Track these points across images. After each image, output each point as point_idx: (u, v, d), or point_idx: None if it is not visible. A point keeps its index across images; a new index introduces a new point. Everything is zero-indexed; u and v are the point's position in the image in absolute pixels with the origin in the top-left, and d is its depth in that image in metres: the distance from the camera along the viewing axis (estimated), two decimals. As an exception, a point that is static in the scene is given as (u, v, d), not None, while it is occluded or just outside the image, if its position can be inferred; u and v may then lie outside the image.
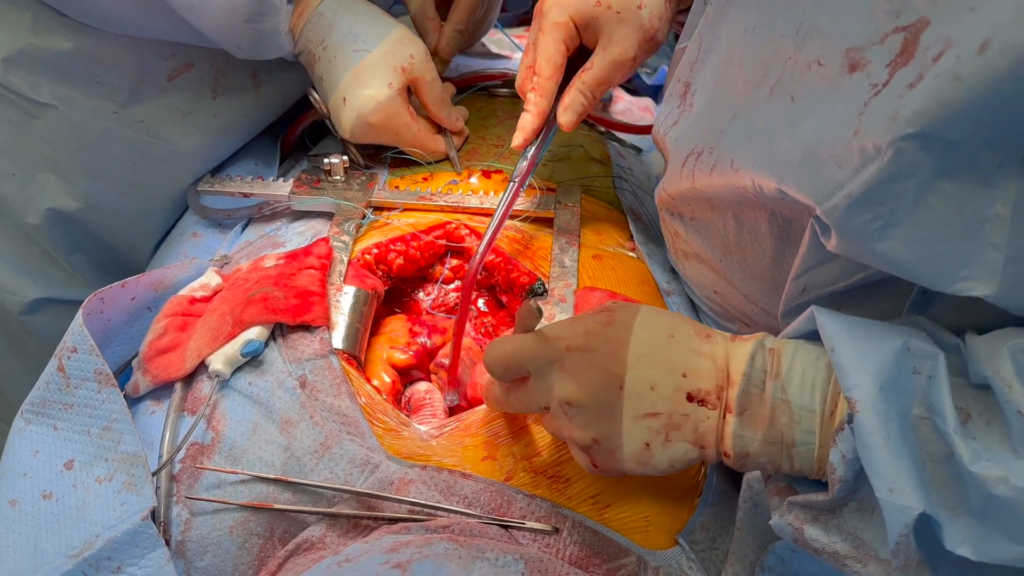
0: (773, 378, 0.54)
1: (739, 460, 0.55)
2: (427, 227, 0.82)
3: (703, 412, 0.55)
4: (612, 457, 0.57)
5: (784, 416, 0.53)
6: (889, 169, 0.46)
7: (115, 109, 0.87)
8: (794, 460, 0.54)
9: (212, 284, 0.77)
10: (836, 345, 0.51)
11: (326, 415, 0.65)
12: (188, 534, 0.62)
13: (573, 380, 0.57)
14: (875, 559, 0.50)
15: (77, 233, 0.92)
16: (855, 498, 0.51)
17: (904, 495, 0.47)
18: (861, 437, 0.48)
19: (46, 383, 0.66)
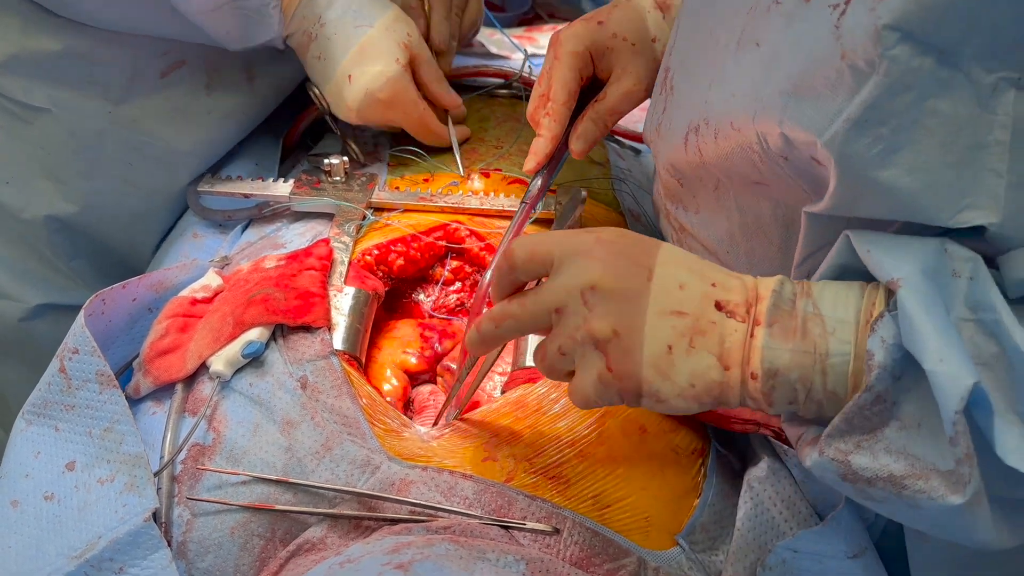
0: (804, 296, 0.52)
1: (767, 380, 0.51)
2: (427, 228, 0.82)
3: (731, 324, 0.52)
4: (630, 358, 0.52)
5: (816, 327, 0.50)
6: (885, 82, 0.46)
7: (109, 109, 0.87)
8: (827, 374, 0.50)
9: (213, 285, 0.77)
10: (872, 246, 0.49)
11: (327, 416, 0.65)
12: (189, 535, 0.62)
13: (600, 264, 0.54)
14: (935, 471, 0.47)
15: (77, 237, 0.92)
16: (896, 415, 0.48)
17: (955, 364, 0.44)
18: (905, 313, 0.46)
19: (47, 384, 0.66)
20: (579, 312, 0.54)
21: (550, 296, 0.55)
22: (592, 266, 0.54)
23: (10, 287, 0.92)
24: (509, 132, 0.99)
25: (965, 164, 0.46)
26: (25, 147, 0.87)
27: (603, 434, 0.65)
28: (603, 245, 0.55)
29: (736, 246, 0.69)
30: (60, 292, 0.93)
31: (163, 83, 0.88)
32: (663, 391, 0.53)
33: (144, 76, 0.87)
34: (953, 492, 0.46)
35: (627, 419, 0.67)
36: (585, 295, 0.53)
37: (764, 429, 0.68)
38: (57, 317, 0.93)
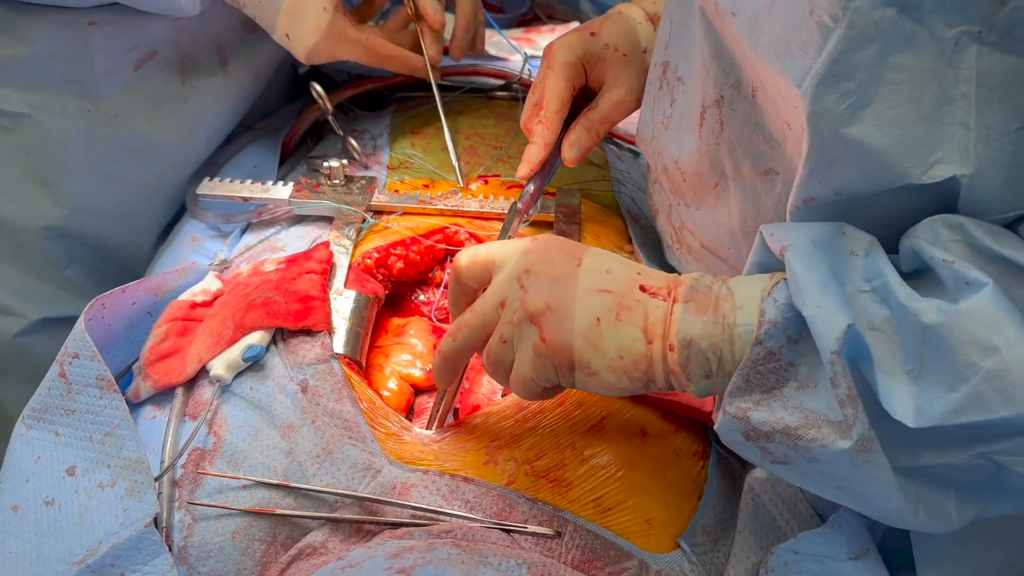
0: (719, 282, 0.56)
1: (683, 351, 0.55)
2: (427, 231, 0.82)
3: (654, 302, 0.56)
4: (562, 328, 0.57)
5: (727, 303, 0.54)
6: (849, 35, 0.48)
7: (88, 107, 0.87)
8: (735, 343, 0.53)
9: (212, 289, 0.77)
10: (774, 229, 0.54)
11: (328, 420, 0.65)
12: (190, 540, 0.62)
13: (534, 255, 0.59)
14: (827, 421, 0.50)
15: (69, 244, 0.92)
16: (795, 377, 0.52)
17: (830, 309, 0.48)
18: (791, 271, 0.50)
19: (47, 389, 0.66)
20: (517, 296, 0.58)
21: (493, 292, 0.60)
22: (527, 257, 0.60)
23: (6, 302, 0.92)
24: (508, 132, 0.99)
25: (933, 118, 0.48)
26: (9, 154, 0.87)
27: (604, 437, 0.65)
28: (537, 242, 0.61)
29: (736, 244, 0.69)
30: (55, 304, 0.93)
31: (138, 76, 0.89)
32: (594, 362, 0.56)
33: (117, 71, 0.87)
34: (841, 437, 0.49)
35: (628, 421, 0.67)
36: (521, 279, 0.58)
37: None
38: (52, 331, 0.93)
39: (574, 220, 0.84)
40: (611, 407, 0.67)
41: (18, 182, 0.88)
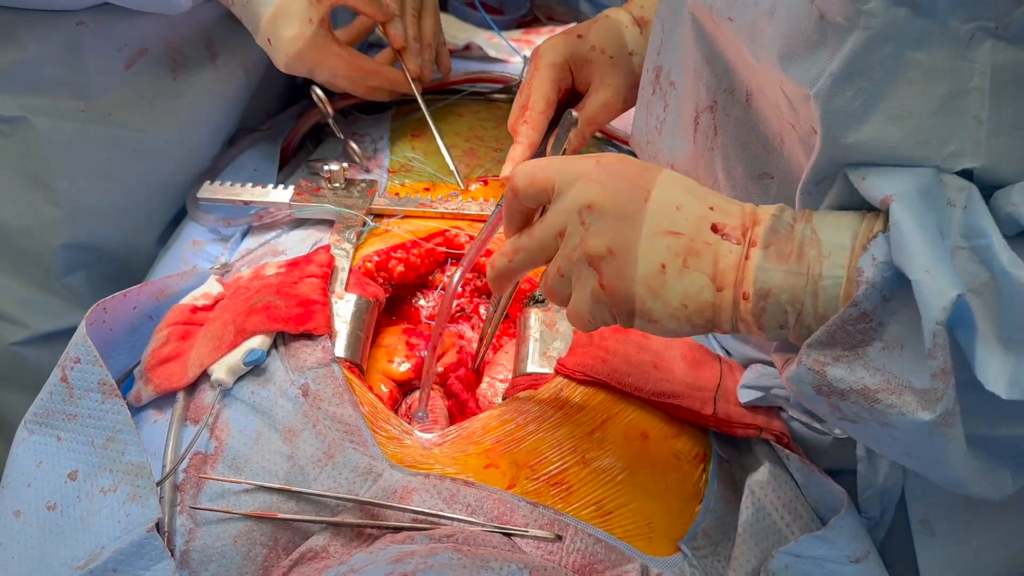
0: (803, 221, 0.52)
1: (759, 301, 0.51)
2: (427, 234, 0.82)
3: (726, 246, 0.52)
4: (623, 275, 0.53)
5: (812, 250, 0.51)
6: (864, 35, 0.48)
7: (81, 107, 0.88)
8: (819, 296, 0.50)
9: (213, 292, 0.77)
10: (867, 172, 0.50)
11: (329, 424, 0.65)
12: (192, 544, 0.62)
13: (598, 185, 0.54)
14: (910, 388, 0.47)
15: (67, 248, 0.93)
16: (881, 336, 0.48)
17: (941, 276, 0.44)
18: (896, 225, 0.46)
19: (49, 393, 0.66)
20: (577, 232, 0.55)
21: (552, 220, 0.56)
22: (590, 187, 0.54)
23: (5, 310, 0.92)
24: (508, 135, 0.99)
25: (946, 112, 0.48)
26: (7, 159, 0.88)
27: (605, 440, 0.65)
28: (602, 168, 0.55)
29: None
30: (54, 316, 0.93)
31: (129, 74, 0.89)
32: (655, 310, 0.53)
33: (109, 70, 0.88)
34: (924, 408, 0.46)
35: (629, 425, 0.67)
36: (582, 214, 0.54)
37: (766, 433, 0.68)
38: (51, 342, 0.93)
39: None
40: (612, 410, 0.67)
41: (17, 187, 0.89)
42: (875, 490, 0.66)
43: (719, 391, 0.69)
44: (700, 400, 0.68)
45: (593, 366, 0.67)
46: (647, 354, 0.69)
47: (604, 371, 0.67)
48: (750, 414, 0.69)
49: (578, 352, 0.69)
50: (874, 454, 0.66)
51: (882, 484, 0.66)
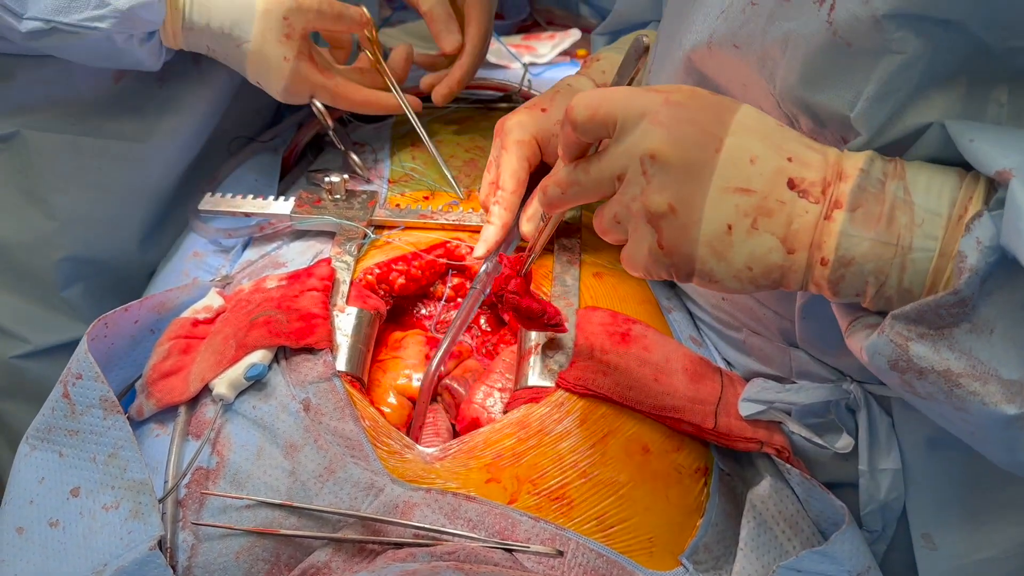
0: (895, 179, 0.48)
1: (838, 269, 0.48)
2: (428, 246, 0.82)
3: (802, 204, 0.48)
4: (685, 235, 0.50)
5: (904, 216, 0.47)
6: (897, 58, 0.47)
7: (72, 121, 0.90)
8: (906, 269, 0.47)
9: (214, 306, 0.77)
10: (976, 136, 0.46)
11: (330, 439, 0.65)
12: (195, 560, 0.62)
13: (664, 131, 0.50)
14: (996, 378, 0.44)
15: (63, 261, 0.93)
16: (970, 318, 0.45)
17: None
18: (1015, 204, 0.42)
19: (51, 409, 0.66)
20: (637, 182, 0.51)
21: (611, 162, 0.53)
22: (655, 132, 0.50)
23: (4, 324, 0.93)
24: (509, 144, 0.99)
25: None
26: (2, 175, 0.89)
27: (606, 454, 0.65)
28: (671, 108, 0.51)
29: None
30: (53, 330, 0.94)
31: (119, 88, 0.91)
32: (717, 272, 0.51)
33: (100, 86, 0.90)
34: (1009, 401, 0.44)
35: (630, 439, 0.67)
36: (644, 163, 0.51)
37: (767, 447, 0.68)
38: (51, 356, 0.94)
39: (574, 232, 0.84)
40: (613, 424, 0.67)
41: (13, 202, 0.90)
42: (877, 504, 0.66)
43: (720, 405, 0.69)
44: (701, 414, 0.68)
45: (594, 380, 0.67)
46: (648, 368, 0.69)
47: (605, 385, 0.67)
48: (751, 428, 0.69)
49: (579, 366, 0.69)
50: (876, 469, 0.66)
51: (884, 498, 0.66)
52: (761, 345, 0.73)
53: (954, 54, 0.47)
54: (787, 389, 0.68)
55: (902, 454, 0.66)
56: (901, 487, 0.66)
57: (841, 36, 0.49)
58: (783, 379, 0.72)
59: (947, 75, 0.48)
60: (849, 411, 0.68)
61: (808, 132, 0.55)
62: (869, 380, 0.66)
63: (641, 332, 0.72)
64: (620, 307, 0.76)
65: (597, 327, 0.72)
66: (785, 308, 0.67)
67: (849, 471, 0.68)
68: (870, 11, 0.47)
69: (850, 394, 0.66)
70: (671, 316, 0.80)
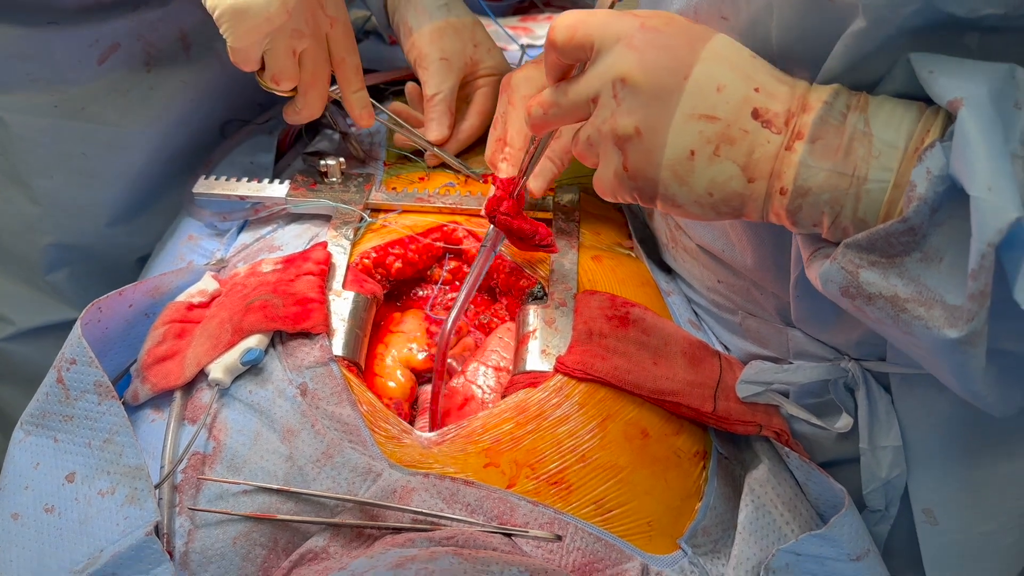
0: (857, 111, 0.49)
1: (796, 199, 0.49)
2: (425, 229, 0.81)
3: (765, 134, 0.49)
4: (649, 159, 0.51)
5: (862, 148, 0.48)
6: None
7: (55, 103, 0.87)
8: (860, 199, 0.48)
9: (209, 289, 0.76)
10: (936, 67, 0.46)
11: (327, 424, 0.65)
12: (191, 545, 0.62)
13: (636, 55, 0.51)
14: (941, 303, 0.45)
15: (51, 247, 0.92)
16: (921, 246, 0.46)
17: (1003, 194, 0.41)
18: (963, 134, 0.43)
19: (45, 395, 0.66)
20: (608, 105, 0.53)
21: (586, 85, 0.54)
22: (628, 56, 0.52)
23: None
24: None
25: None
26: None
27: (605, 438, 0.65)
28: (646, 33, 0.52)
29: (731, 246, 0.69)
30: (39, 311, 0.93)
31: (103, 69, 0.89)
32: (679, 196, 0.52)
33: (82, 66, 0.88)
34: (951, 325, 0.45)
35: (628, 423, 0.66)
36: (616, 87, 0.52)
37: (766, 430, 0.68)
38: (38, 338, 0.94)
39: (573, 217, 0.84)
40: (611, 408, 0.66)
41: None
42: (879, 483, 0.66)
43: (719, 388, 0.69)
44: (700, 397, 0.68)
45: (593, 364, 0.67)
46: (647, 352, 0.69)
47: (604, 369, 0.67)
48: (750, 411, 0.69)
49: (577, 350, 0.68)
50: (877, 446, 0.66)
51: (886, 476, 0.66)
52: (757, 327, 0.73)
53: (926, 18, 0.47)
54: (784, 369, 0.68)
55: (902, 431, 0.66)
56: (903, 464, 0.66)
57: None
58: (780, 360, 0.72)
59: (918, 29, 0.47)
60: (848, 390, 0.68)
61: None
62: (867, 357, 0.66)
63: (640, 315, 0.72)
64: (619, 290, 0.76)
65: (596, 311, 0.71)
66: (781, 287, 0.67)
67: (849, 449, 0.68)
68: None
69: (848, 372, 0.66)
70: (670, 299, 0.80)
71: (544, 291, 0.75)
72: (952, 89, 0.45)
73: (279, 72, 0.80)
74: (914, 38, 0.48)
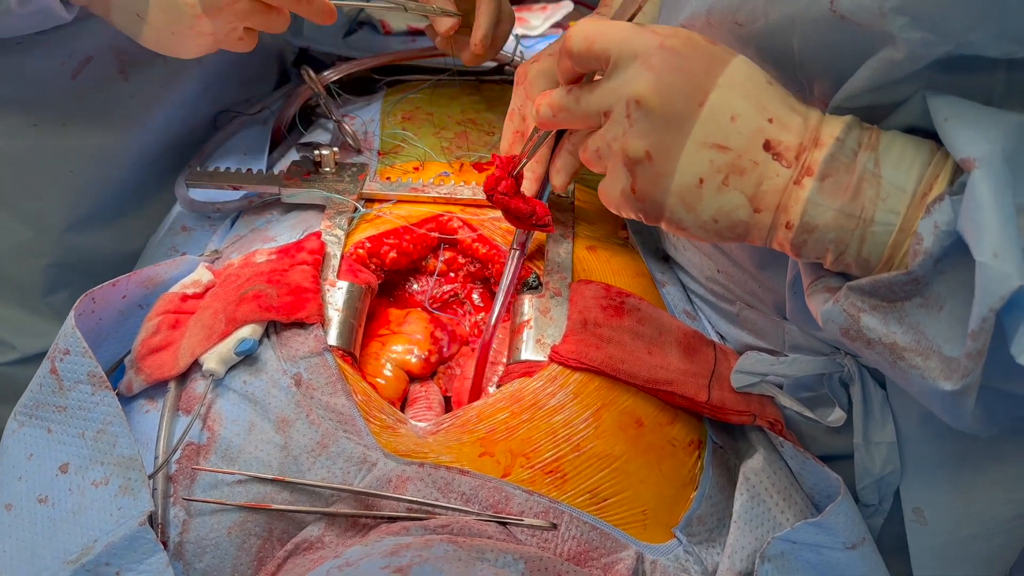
0: (868, 150, 0.49)
1: (801, 234, 0.50)
2: (419, 220, 0.81)
3: (775, 167, 0.50)
4: (657, 184, 0.52)
5: (870, 190, 0.48)
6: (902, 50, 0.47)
7: (33, 122, 0.85)
8: (865, 241, 0.49)
9: (203, 280, 0.76)
10: (950, 115, 0.47)
11: (322, 413, 0.65)
12: (186, 535, 0.62)
13: (654, 77, 0.51)
14: (938, 354, 0.46)
15: (48, 268, 0.90)
16: (922, 293, 0.47)
17: (1008, 261, 0.42)
18: (973, 197, 0.43)
19: (39, 385, 0.65)
20: (621, 123, 0.53)
21: (600, 98, 0.54)
22: (645, 77, 0.52)
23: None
24: (500, 117, 0.97)
25: None
26: None
27: (600, 428, 0.65)
28: (664, 53, 0.52)
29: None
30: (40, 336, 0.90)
31: (78, 84, 0.86)
32: (685, 221, 0.53)
33: (56, 83, 0.85)
34: (947, 378, 0.46)
35: (623, 412, 0.66)
36: (630, 106, 0.52)
37: (760, 420, 0.68)
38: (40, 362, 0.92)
39: (567, 206, 0.84)
40: (606, 398, 0.66)
41: None
42: (872, 478, 0.67)
43: (713, 377, 0.69)
44: (695, 387, 0.68)
45: (587, 353, 0.67)
46: (642, 341, 0.69)
47: (598, 358, 0.67)
48: (744, 401, 0.69)
49: (572, 339, 0.68)
50: (870, 442, 0.66)
51: (880, 472, 0.66)
52: (755, 318, 0.73)
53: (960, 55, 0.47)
54: (780, 362, 0.67)
55: (896, 428, 0.66)
56: (896, 460, 0.66)
57: (848, 19, 0.48)
58: (777, 352, 0.72)
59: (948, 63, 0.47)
60: (843, 384, 0.68)
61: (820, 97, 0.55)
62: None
63: (635, 305, 0.72)
64: (614, 280, 0.76)
65: (590, 300, 0.71)
66: (779, 283, 0.67)
67: (842, 444, 0.68)
68: (879, 3, 0.46)
69: (844, 367, 0.66)
70: (665, 290, 0.80)
71: (539, 281, 0.75)
72: (965, 145, 0.45)
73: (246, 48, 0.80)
74: (942, 70, 0.48)
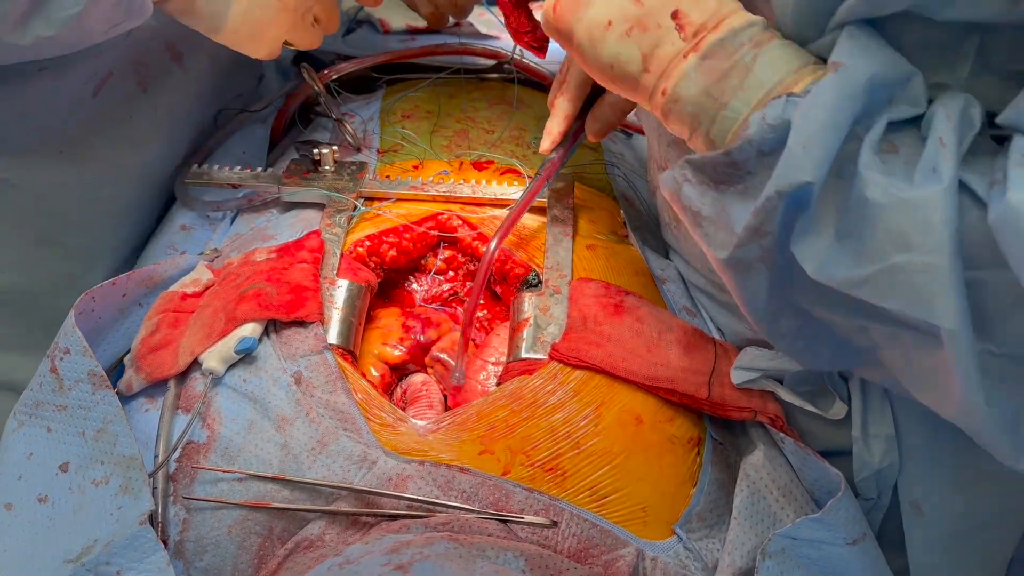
0: (754, 47, 0.53)
1: (670, 103, 0.55)
2: (419, 218, 0.81)
3: (673, 36, 0.54)
4: (574, 11, 0.58)
5: (736, 79, 0.52)
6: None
7: (60, 149, 0.82)
8: (715, 123, 0.53)
9: (203, 279, 0.76)
10: (856, 32, 0.49)
11: (322, 412, 0.65)
12: (186, 534, 0.62)
13: None
14: (728, 228, 0.52)
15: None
16: (744, 180, 0.51)
17: (808, 158, 0.47)
18: (818, 91, 0.47)
19: (39, 384, 0.65)
20: None
21: None
22: None
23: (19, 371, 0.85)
24: (500, 115, 0.98)
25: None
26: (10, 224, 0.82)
27: (599, 425, 0.65)
28: None
29: None
30: None
31: (99, 101, 0.84)
32: (587, 55, 0.58)
33: (79, 103, 0.83)
34: (723, 247, 0.52)
35: (623, 409, 0.66)
36: None
37: (761, 416, 0.68)
38: None
39: (567, 204, 0.83)
40: (606, 395, 0.66)
41: (26, 249, 0.83)
42: (871, 471, 0.67)
43: (714, 374, 0.69)
44: (695, 384, 0.68)
45: (587, 351, 0.67)
46: (641, 339, 0.69)
47: (598, 356, 0.67)
48: (745, 397, 0.69)
49: (572, 337, 0.68)
50: (869, 435, 0.66)
51: (878, 465, 0.66)
52: (754, 311, 0.73)
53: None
54: (780, 356, 0.67)
55: (895, 421, 0.66)
56: (895, 453, 0.66)
57: None
58: (776, 347, 0.72)
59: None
60: (842, 378, 0.68)
61: None
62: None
63: (634, 303, 0.72)
64: (613, 279, 0.76)
65: (590, 299, 0.71)
66: None
67: (841, 440, 0.68)
68: None
69: None
70: (665, 287, 0.80)
71: (539, 279, 0.75)
72: (840, 51, 0.48)
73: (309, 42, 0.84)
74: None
